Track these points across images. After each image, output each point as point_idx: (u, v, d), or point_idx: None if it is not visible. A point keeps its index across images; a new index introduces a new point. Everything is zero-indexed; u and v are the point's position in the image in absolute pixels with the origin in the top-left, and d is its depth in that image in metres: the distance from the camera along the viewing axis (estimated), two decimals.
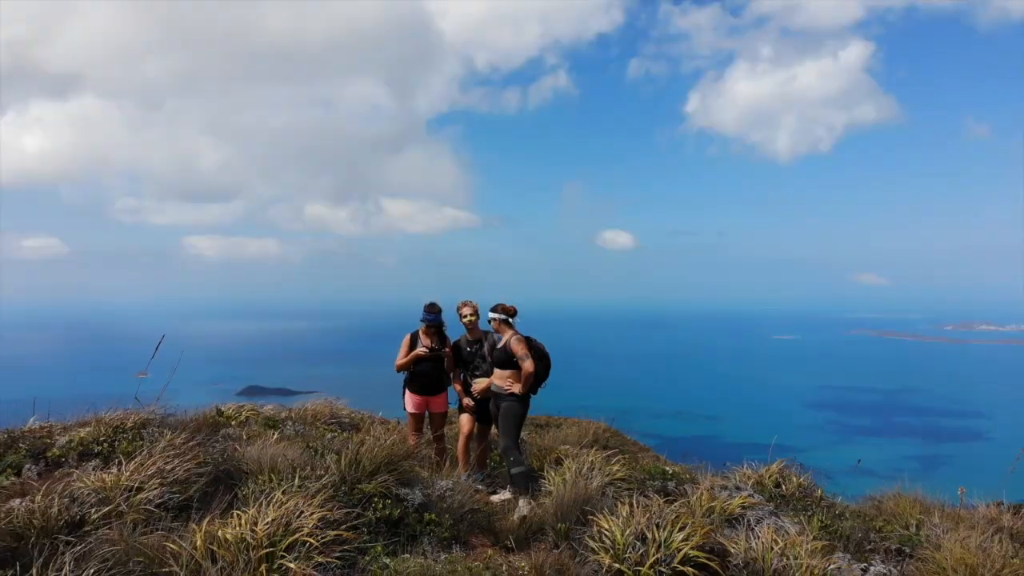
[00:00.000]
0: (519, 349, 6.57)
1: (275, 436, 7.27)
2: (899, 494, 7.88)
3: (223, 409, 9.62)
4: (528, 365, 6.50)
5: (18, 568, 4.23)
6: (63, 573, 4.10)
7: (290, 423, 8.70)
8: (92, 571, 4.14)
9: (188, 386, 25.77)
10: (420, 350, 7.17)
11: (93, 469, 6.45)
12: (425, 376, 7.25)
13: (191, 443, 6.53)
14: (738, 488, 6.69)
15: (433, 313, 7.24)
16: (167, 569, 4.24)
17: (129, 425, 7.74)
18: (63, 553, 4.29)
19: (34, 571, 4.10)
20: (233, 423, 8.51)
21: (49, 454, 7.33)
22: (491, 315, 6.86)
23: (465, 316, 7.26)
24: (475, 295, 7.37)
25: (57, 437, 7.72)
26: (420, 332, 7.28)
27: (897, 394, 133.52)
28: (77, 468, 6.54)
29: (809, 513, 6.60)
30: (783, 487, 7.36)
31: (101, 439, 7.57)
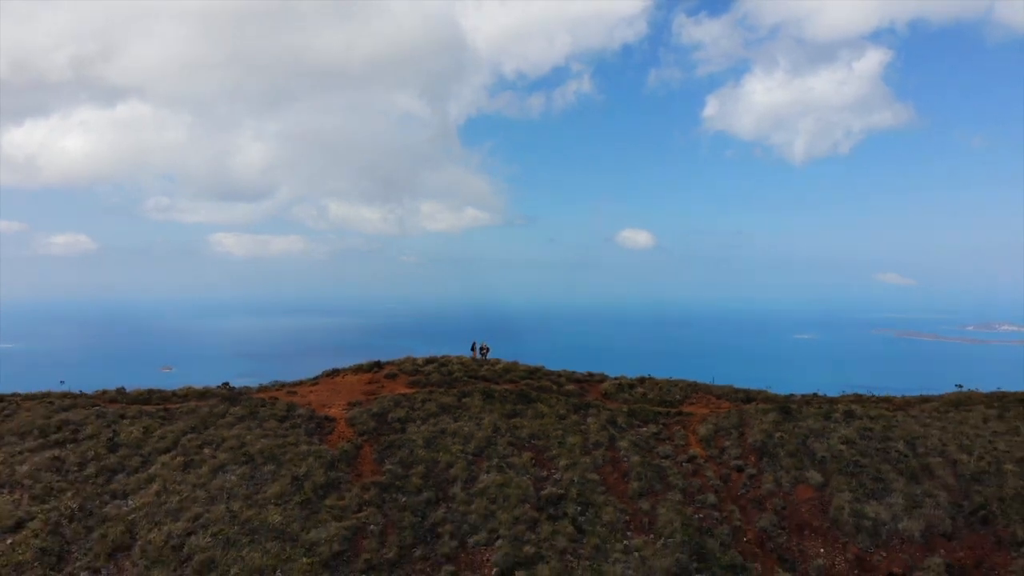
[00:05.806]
0: (487, 347, 42.85)
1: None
2: None
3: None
4: (487, 348, 43.36)
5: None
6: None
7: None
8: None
9: (215, 381, 27.89)
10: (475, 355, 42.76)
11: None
12: (472, 349, 42.18)
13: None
14: None
15: (478, 344, 43.23)
16: None
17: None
18: None
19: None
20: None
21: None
22: (483, 341, 43.22)
23: (483, 343, 42.73)
24: (491, 293, 15.45)
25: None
26: (477, 344, 43.08)
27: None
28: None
29: None
30: None
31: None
